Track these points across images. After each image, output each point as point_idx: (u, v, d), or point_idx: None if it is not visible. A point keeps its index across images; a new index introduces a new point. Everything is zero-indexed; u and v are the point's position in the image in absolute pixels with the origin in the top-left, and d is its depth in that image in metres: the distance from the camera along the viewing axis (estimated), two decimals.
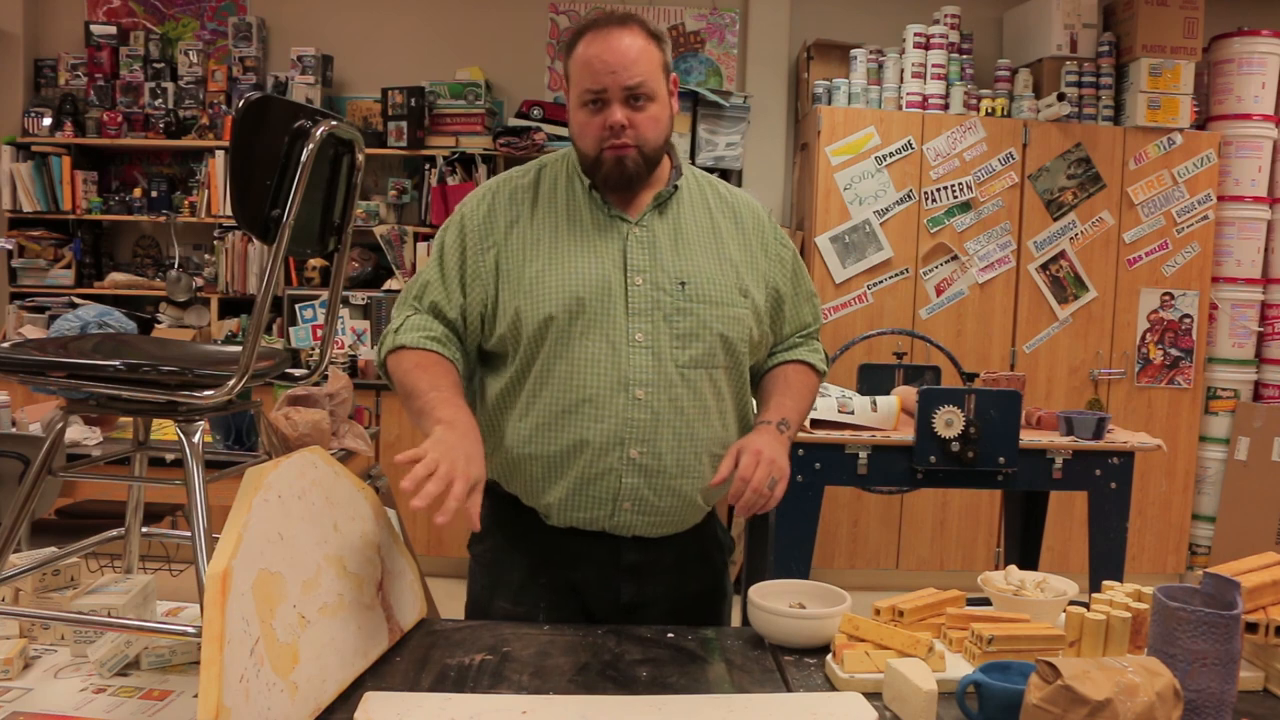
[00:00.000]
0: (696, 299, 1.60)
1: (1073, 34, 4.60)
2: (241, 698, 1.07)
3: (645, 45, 1.56)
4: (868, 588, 4.14)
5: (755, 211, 1.74)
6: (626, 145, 1.56)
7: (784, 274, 1.73)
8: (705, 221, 1.67)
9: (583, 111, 1.57)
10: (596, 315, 1.57)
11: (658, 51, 1.58)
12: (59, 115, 4.82)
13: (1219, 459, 4.72)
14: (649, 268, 1.60)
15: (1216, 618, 1.14)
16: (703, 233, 1.66)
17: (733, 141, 4.76)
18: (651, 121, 1.57)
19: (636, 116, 1.56)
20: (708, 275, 1.62)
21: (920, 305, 4.54)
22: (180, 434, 1.41)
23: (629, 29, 1.56)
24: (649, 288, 1.59)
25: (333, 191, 1.59)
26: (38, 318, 4.62)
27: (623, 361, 1.56)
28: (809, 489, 2.74)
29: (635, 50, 1.54)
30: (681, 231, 1.64)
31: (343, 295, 3.87)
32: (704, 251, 1.64)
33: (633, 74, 1.53)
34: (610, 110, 1.55)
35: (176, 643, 1.48)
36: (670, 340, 1.58)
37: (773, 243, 1.72)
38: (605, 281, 1.58)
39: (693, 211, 1.67)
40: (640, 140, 1.57)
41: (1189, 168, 4.58)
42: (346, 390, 3.02)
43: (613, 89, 1.54)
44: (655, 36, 1.58)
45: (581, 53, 1.56)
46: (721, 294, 1.62)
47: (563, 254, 1.60)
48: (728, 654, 1.45)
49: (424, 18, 5.04)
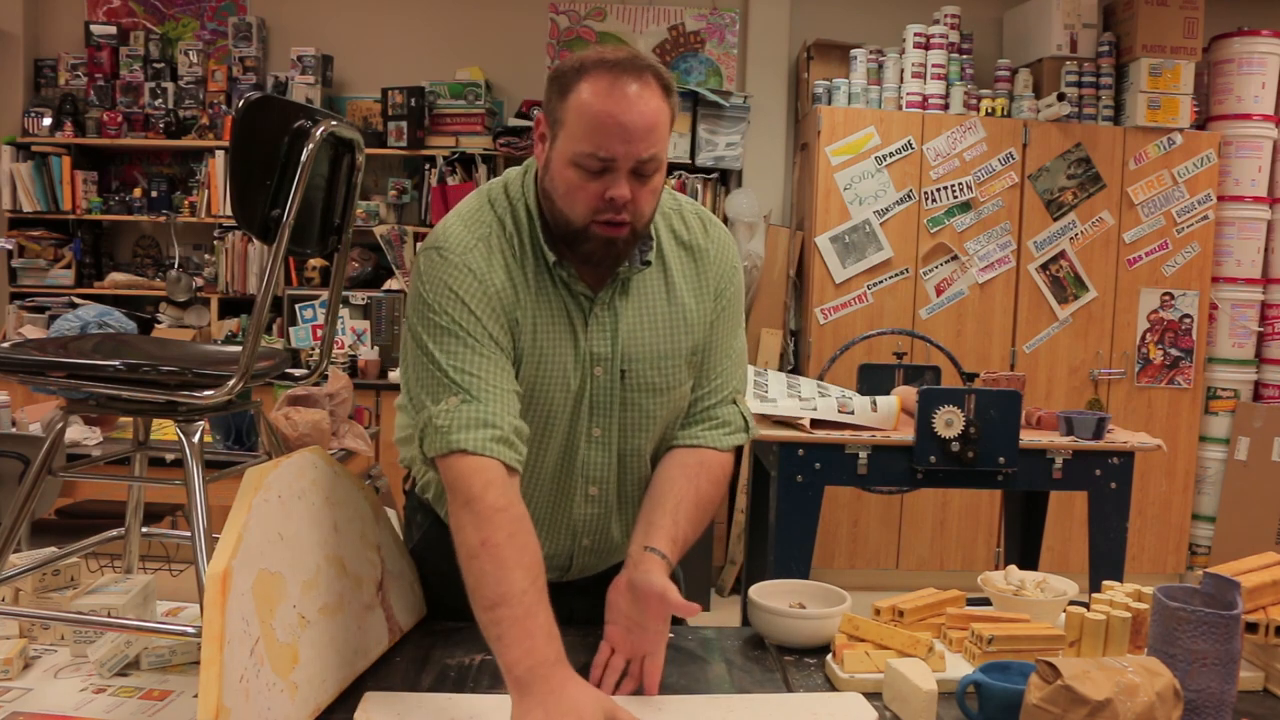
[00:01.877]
0: (639, 388, 1.45)
1: (1073, 34, 4.60)
2: (241, 698, 1.07)
3: (661, 105, 1.33)
4: (868, 588, 4.14)
5: (711, 253, 1.51)
6: (623, 223, 1.34)
7: (724, 323, 1.52)
8: (659, 282, 1.47)
9: (576, 172, 1.32)
10: (560, 415, 1.43)
11: (667, 110, 1.35)
12: (59, 115, 4.82)
13: (1219, 459, 4.72)
14: (608, 356, 1.44)
15: (1216, 618, 1.14)
16: (659, 298, 1.47)
17: (733, 141, 4.76)
18: (652, 195, 1.37)
19: (640, 190, 1.34)
20: (652, 359, 1.46)
21: (920, 305, 4.54)
22: (180, 434, 1.41)
23: (645, 83, 1.31)
24: (607, 379, 1.44)
25: (333, 191, 1.59)
26: (38, 318, 4.62)
27: (577, 460, 1.47)
28: (809, 489, 2.74)
29: (651, 113, 1.31)
30: (644, 307, 1.46)
31: (343, 295, 3.86)
32: (661, 322, 1.47)
33: (649, 144, 1.31)
34: (616, 183, 1.31)
35: (176, 643, 1.48)
36: (619, 432, 1.48)
37: (725, 284, 1.52)
38: (567, 376, 1.42)
39: (655, 277, 1.47)
40: (637, 217, 1.35)
41: (1189, 168, 4.58)
42: (346, 390, 3.03)
43: (623, 159, 1.30)
44: (667, 89, 1.35)
45: (588, 103, 1.30)
46: (667, 378, 1.47)
47: (536, 344, 1.41)
48: (727, 654, 1.45)
49: (424, 18, 5.04)
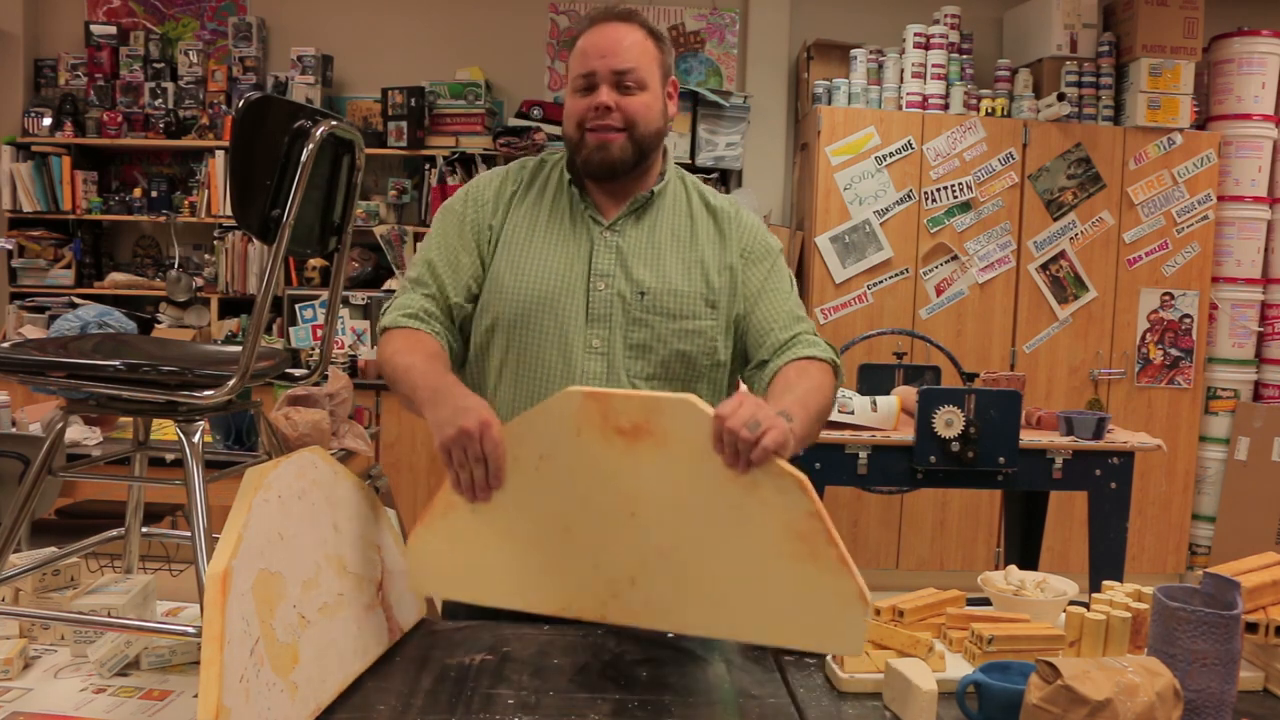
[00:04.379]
0: (653, 310, 1.56)
1: (1073, 34, 4.60)
2: (241, 698, 1.07)
3: (641, 39, 1.56)
4: (868, 587, 4.13)
5: (741, 218, 1.66)
6: (611, 128, 1.53)
7: (761, 275, 1.63)
8: (684, 228, 1.62)
9: (573, 97, 1.57)
10: (556, 317, 1.55)
11: (655, 48, 1.57)
12: (59, 115, 4.82)
13: (1219, 459, 4.72)
14: (613, 273, 1.57)
15: (1216, 618, 1.14)
16: (679, 241, 1.61)
17: (733, 141, 4.76)
18: (642, 106, 1.54)
19: (625, 100, 1.53)
20: (671, 286, 1.57)
21: (920, 305, 4.54)
22: (180, 434, 1.41)
23: (628, 23, 1.56)
24: (610, 294, 1.56)
25: (333, 191, 1.59)
26: (38, 318, 4.62)
27: (575, 368, 1.54)
28: None
29: (629, 40, 1.54)
30: (655, 239, 1.60)
31: (343, 295, 3.87)
32: (676, 260, 1.59)
33: (624, 59, 1.53)
34: (597, 92, 1.53)
35: (176, 643, 1.48)
36: (624, 350, 1.55)
37: (757, 246, 1.64)
38: (567, 284, 1.56)
39: (673, 217, 1.63)
40: (629, 122, 1.54)
41: (1189, 168, 4.58)
42: (346, 390, 3.02)
43: (602, 72, 1.53)
44: (655, 35, 1.58)
45: (579, 44, 1.57)
46: (683, 306, 1.57)
47: (535, 249, 1.59)
48: (727, 654, 1.45)
49: (424, 18, 5.04)
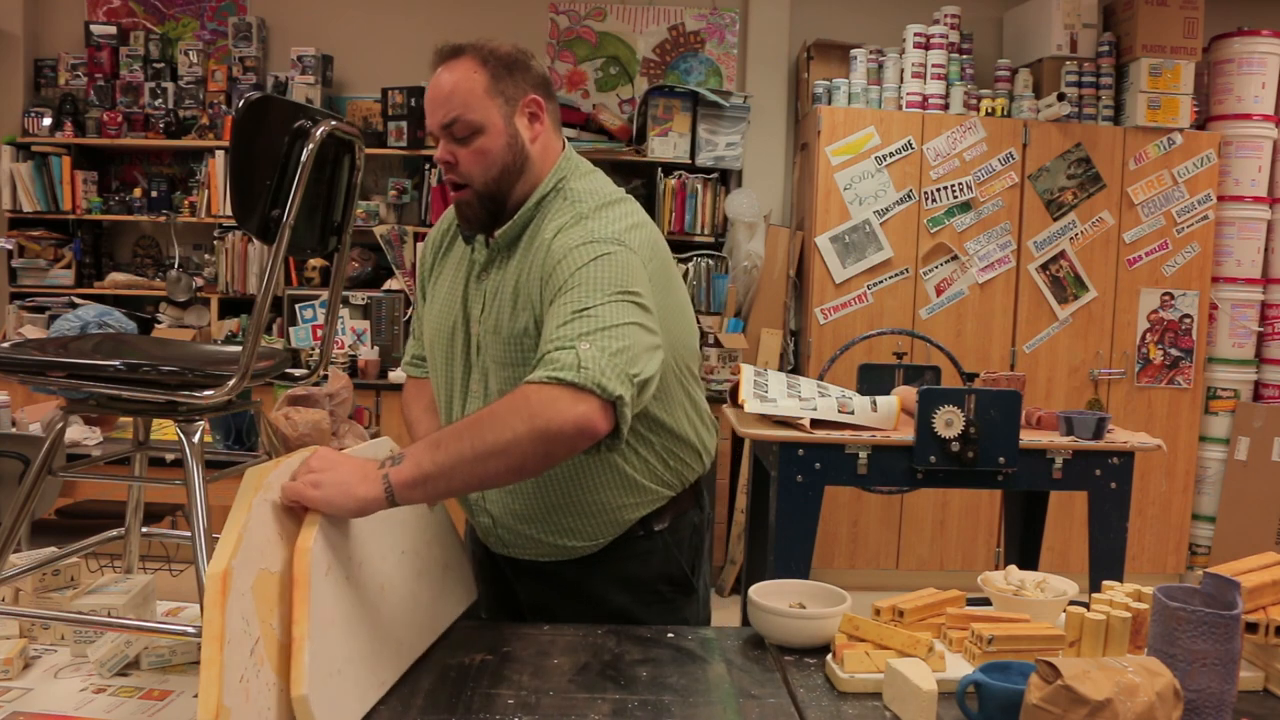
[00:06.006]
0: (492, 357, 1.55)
1: (1073, 34, 4.60)
2: (241, 698, 1.07)
3: (467, 74, 1.46)
4: (868, 588, 4.14)
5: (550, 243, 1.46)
6: (456, 184, 1.51)
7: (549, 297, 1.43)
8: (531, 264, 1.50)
9: None
10: (451, 363, 1.61)
11: (485, 79, 1.47)
12: (59, 115, 4.82)
13: (1219, 459, 4.72)
14: (478, 318, 1.56)
15: (1216, 618, 1.14)
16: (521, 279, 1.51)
17: (733, 141, 4.76)
18: (476, 156, 1.48)
19: (460, 151, 1.48)
20: (498, 330, 1.52)
21: (920, 305, 4.54)
22: (180, 434, 1.41)
23: (456, 59, 1.48)
24: (479, 339, 1.56)
25: (333, 191, 1.59)
26: (38, 318, 4.62)
27: (455, 414, 1.61)
28: (809, 489, 2.74)
29: (450, 84, 1.46)
30: (504, 283, 1.52)
31: (343, 295, 3.86)
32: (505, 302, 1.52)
33: (448, 109, 1.47)
34: (439, 147, 1.51)
35: (176, 643, 1.48)
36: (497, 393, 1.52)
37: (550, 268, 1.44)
38: (455, 329, 1.60)
39: (525, 254, 1.51)
40: (467, 178, 1.49)
41: (1189, 168, 4.58)
42: (346, 390, 3.02)
43: (432, 128, 1.50)
44: (488, 61, 1.48)
45: None
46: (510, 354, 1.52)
47: (439, 294, 1.64)
48: (727, 654, 1.45)
49: (424, 18, 5.04)
